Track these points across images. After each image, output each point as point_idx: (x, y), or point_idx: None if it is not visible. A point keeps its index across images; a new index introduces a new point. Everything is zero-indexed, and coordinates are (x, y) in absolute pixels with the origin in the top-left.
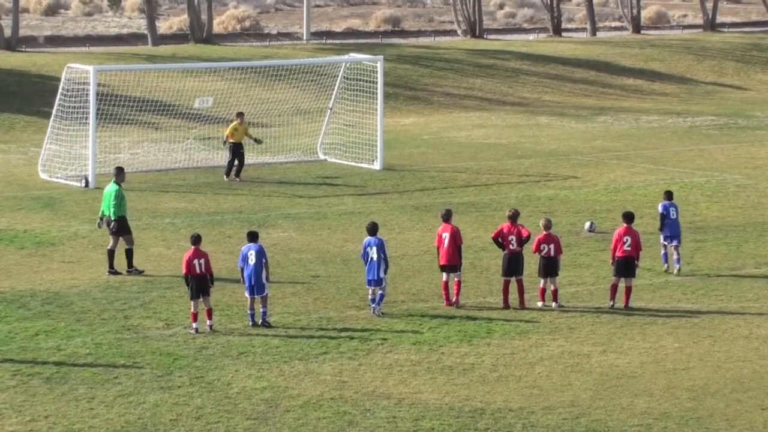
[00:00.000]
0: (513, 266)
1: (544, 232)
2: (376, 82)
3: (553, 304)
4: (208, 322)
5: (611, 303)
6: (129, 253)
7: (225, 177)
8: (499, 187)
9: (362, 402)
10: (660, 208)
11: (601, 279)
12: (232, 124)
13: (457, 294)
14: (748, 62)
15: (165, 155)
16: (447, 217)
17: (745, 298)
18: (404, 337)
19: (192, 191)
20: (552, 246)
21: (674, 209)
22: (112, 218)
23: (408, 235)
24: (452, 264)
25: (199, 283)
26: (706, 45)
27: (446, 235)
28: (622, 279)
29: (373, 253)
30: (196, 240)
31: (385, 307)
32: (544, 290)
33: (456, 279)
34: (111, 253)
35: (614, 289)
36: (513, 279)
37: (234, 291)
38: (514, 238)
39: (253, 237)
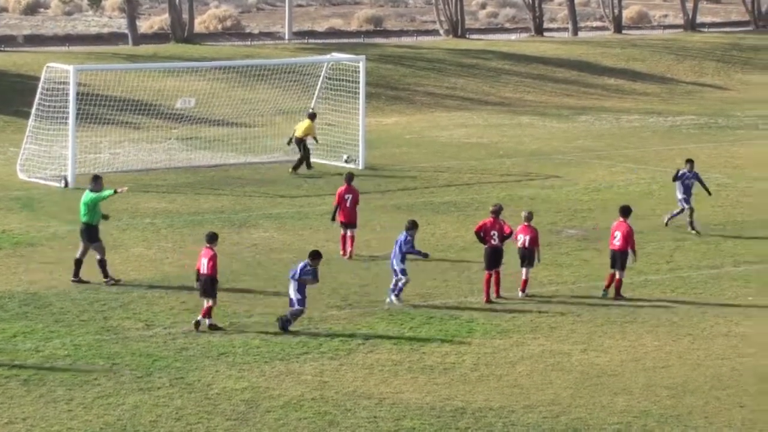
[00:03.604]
0: (494, 260)
1: (524, 224)
2: (358, 82)
3: (520, 293)
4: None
5: (603, 292)
6: (102, 264)
7: (307, 169)
8: (481, 186)
9: (343, 402)
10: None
11: (582, 278)
12: (306, 123)
13: (352, 245)
14: (728, 62)
15: (145, 155)
16: (350, 179)
17: (724, 296)
18: (385, 337)
19: (172, 191)
20: (528, 237)
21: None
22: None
23: (389, 234)
24: (352, 222)
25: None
26: (686, 45)
27: (348, 196)
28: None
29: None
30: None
31: (365, 306)
32: (525, 282)
33: (351, 234)
34: (101, 263)
35: (610, 278)
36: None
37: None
38: (496, 233)
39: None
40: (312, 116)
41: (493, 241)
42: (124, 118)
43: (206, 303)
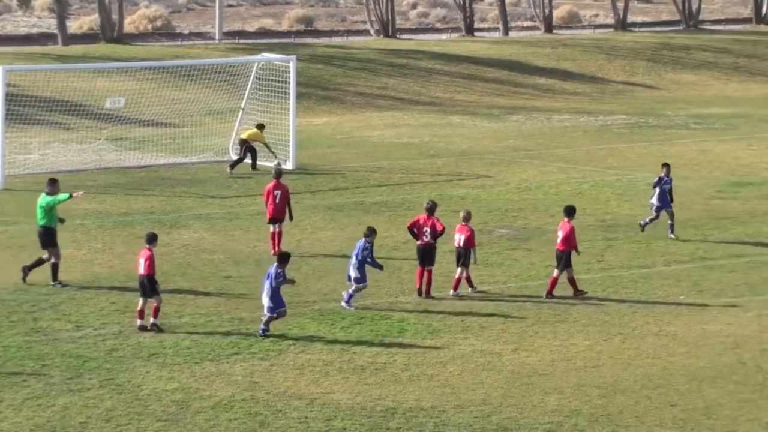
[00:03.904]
0: (425, 257)
1: (461, 223)
2: (289, 82)
3: (451, 292)
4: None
5: (549, 294)
6: (54, 267)
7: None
8: (412, 186)
9: (274, 403)
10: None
11: (512, 277)
12: (254, 131)
13: (279, 243)
14: (659, 62)
15: (75, 156)
16: (278, 175)
17: (655, 295)
18: (316, 337)
19: (102, 192)
20: (464, 237)
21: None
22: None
23: (321, 234)
24: (280, 218)
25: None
26: (617, 44)
27: (278, 192)
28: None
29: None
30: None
31: (296, 307)
32: (468, 278)
33: (278, 230)
34: (54, 266)
35: (552, 281)
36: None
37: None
38: (428, 230)
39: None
40: (260, 127)
41: (425, 238)
42: (53, 118)
43: (153, 303)
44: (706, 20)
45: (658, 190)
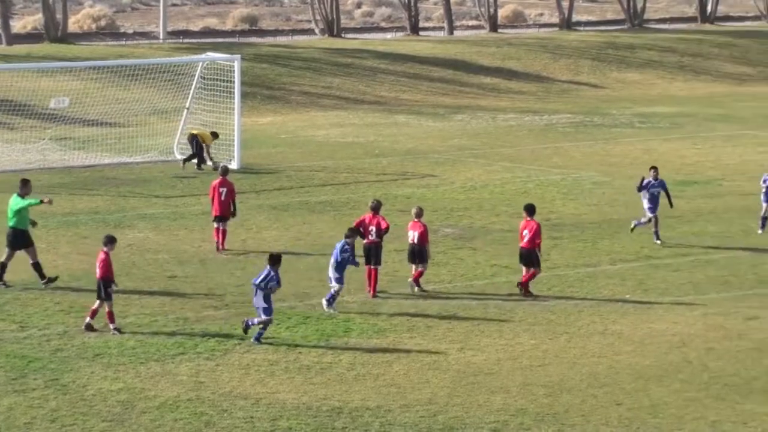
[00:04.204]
0: (370, 256)
1: (414, 220)
2: (233, 82)
3: (415, 288)
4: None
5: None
6: (36, 267)
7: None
8: (357, 185)
9: (219, 402)
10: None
11: (458, 277)
12: (207, 133)
13: (224, 239)
14: (604, 60)
15: (19, 155)
16: (225, 172)
17: (601, 294)
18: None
19: (47, 192)
20: (417, 233)
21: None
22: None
23: (266, 234)
24: (226, 215)
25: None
26: (562, 43)
27: (223, 189)
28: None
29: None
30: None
31: (241, 307)
32: (419, 276)
33: (223, 227)
34: (2, 266)
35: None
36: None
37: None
38: (373, 228)
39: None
40: (215, 135)
41: (370, 237)
42: None
43: (105, 308)
44: (650, 19)
45: (645, 193)
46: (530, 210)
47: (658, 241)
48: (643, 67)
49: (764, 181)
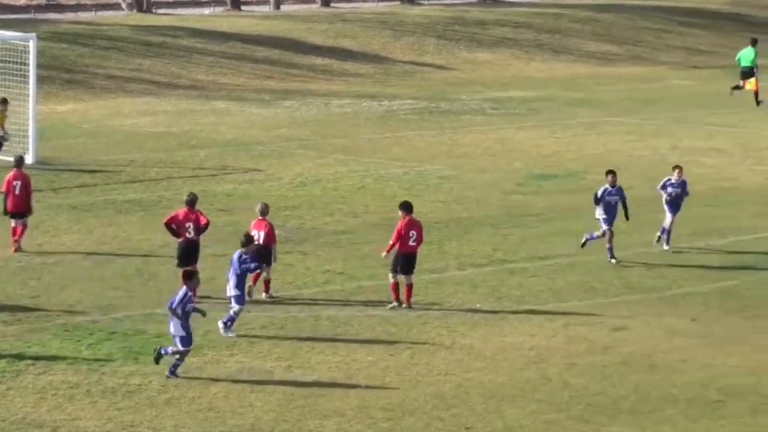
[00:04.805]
0: (188, 256)
1: (258, 218)
2: (28, 64)
3: (263, 295)
4: None
5: (395, 303)
6: None
7: None
8: (170, 181)
9: (11, 431)
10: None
11: (286, 285)
12: None
13: (21, 236)
14: (451, 39)
15: None
16: (19, 163)
17: (449, 303)
18: (60, 356)
19: None
20: (263, 233)
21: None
22: None
23: (65, 238)
24: (21, 211)
25: None
26: (404, 19)
27: (17, 182)
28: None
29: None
30: None
31: (36, 321)
32: (268, 281)
33: (21, 224)
34: None
35: (396, 287)
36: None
37: None
38: (191, 225)
39: None
40: (3, 101)
41: (188, 234)
42: None
43: None
44: None
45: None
46: (408, 207)
47: (613, 260)
48: (496, 46)
49: (664, 187)
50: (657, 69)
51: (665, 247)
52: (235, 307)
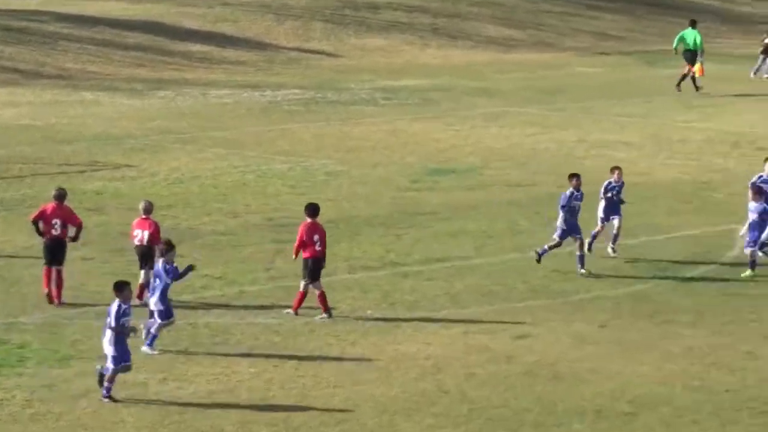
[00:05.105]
0: (54, 254)
1: (142, 217)
2: None
3: (137, 300)
4: None
5: (294, 311)
6: None
7: None
8: (34, 179)
9: None
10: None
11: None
12: None
13: None
14: (340, 23)
15: None
16: None
17: (337, 309)
18: None
19: None
20: (148, 233)
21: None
22: None
23: None
24: None
25: None
26: (288, 2)
27: None
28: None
29: None
30: None
31: None
32: (142, 286)
33: None
34: None
35: (303, 297)
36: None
37: None
38: (59, 222)
39: None
40: None
41: (54, 231)
42: None
43: None
44: None
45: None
46: (312, 210)
47: (583, 270)
48: (388, 31)
49: (606, 191)
50: (562, 55)
51: (613, 255)
52: (157, 322)
